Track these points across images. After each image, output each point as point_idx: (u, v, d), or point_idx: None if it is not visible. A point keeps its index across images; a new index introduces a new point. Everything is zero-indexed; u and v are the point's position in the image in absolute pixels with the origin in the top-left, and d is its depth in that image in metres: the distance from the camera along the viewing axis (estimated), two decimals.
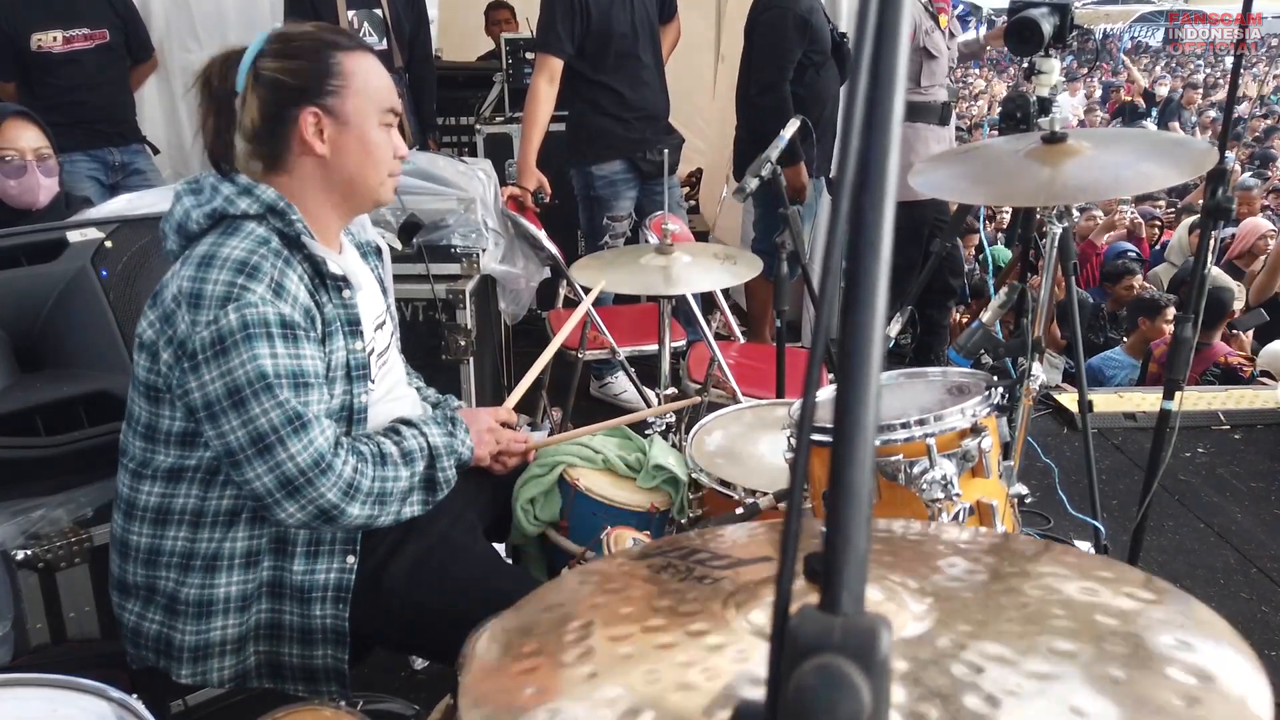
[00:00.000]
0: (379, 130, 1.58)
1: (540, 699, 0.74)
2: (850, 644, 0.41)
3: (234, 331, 1.43)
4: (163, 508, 1.56)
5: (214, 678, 1.60)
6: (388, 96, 1.59)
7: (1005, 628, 0.76)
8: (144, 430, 1.56)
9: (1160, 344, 4.71)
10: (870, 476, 0.43)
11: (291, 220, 1.52)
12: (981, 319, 2.30)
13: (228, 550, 1.56)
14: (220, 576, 1.56)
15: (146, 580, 1.59)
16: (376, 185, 1.61)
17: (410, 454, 1.59)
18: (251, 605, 1.59)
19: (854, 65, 0.44)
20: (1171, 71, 18.50)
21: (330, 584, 1.59)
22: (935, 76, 3.88)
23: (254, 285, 1.45)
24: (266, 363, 1.44)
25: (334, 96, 1.54)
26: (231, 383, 1.44)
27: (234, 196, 1.52)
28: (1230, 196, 2.16)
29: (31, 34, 3.55)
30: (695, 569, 0.91)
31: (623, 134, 3.58)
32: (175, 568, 1.57)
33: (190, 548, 1.56)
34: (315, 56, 1.54)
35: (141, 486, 1.57)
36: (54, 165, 2.61)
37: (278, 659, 1.62)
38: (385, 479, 1.54)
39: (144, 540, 1.57)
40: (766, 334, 4.10)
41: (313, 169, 1.56)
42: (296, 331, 1.48)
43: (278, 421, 1.44)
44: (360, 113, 1.56)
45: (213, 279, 1.45)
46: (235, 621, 1.58)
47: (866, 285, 0.43)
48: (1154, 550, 3.00)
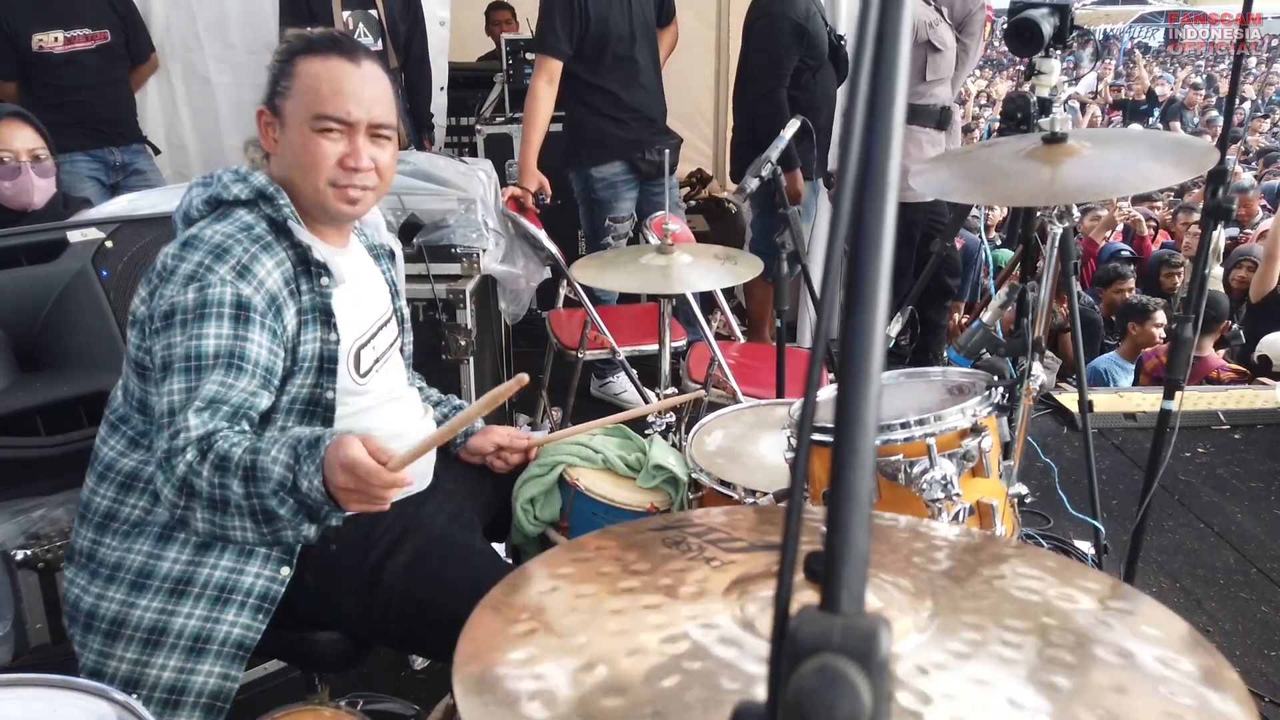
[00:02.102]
0: (312, 134, 1.55)
1: (529, 662, 0.77)
2: (850, 644, 0.41)
3: (187, 310, 1.47)
4: (134, 473, 1.58)
5: (111, 667, 1.52)
6: (328, 101, 1.54)
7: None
8: (138, 405, 1.58)
9: (1152, 354, 4.71)
10: (870, 476, 0.43)
11: (279, 205, 1.57)
12: (981, 319, 2.30)
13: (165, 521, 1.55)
14: (170, 549, 1.54)
15: (90, 547, 1.58)
16: (312, 191, 1.58)
17: (261, 470, 1.37)
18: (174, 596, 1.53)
19: (855, 66, 0.44)
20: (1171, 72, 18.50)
21: (255, 590, 1.55)
22: (940, 71, 3.84)
23: (218, 267, 1.49)
24: (202, 344, 1.46)
25: (280, 97, 1.59)
26: (168, 356, 1.47)
27: (230, 183, 1.58)
28: (1230, 196, 2.16)
29: (32, 34, 3.55)
30: (706, 549, 0.94)
31: (620, 135, 3.58)
32: (121, 534, 1.56)
33: (145, 517, 1.56)
34: (280, 57, 1.60)
35: (134, 454, 1.59)
36: (50, 166, 2.61)
37: (141, 671, 1.52)
38: (224, 487, 1.37)
39: (104, 503, 1.59)
40: (766, 334, 4.10)
41: (276, 168, 1.63)
42: (250, 315, 1.49)
43: (175, 403, 1.44)
44: (295, 114, 1.57)
45: (188, 258, 1.51)
46: (158, 605, 1.52)
47: (867, 285, 0.43)
48: (1154, 550, 3.00)
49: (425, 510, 1.70)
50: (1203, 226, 2.21)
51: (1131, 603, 0.88)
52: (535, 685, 0.74)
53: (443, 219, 2.89)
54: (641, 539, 1.00)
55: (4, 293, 2.01)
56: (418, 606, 1.59)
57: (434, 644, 1.62)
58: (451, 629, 0.86)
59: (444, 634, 0.89)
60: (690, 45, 4.71)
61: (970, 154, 2.35)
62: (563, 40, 3.43)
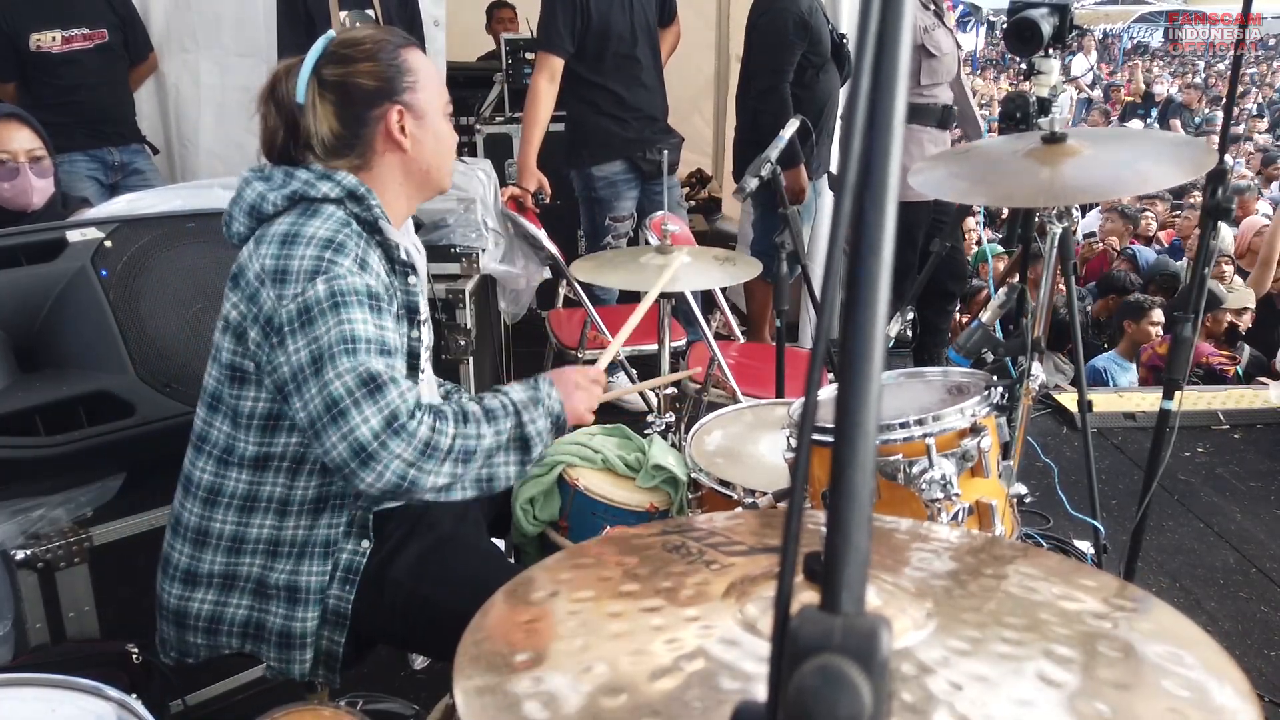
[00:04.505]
0: (444, 121, 1.66)
1: (530, 664, 0.77)
2: (851, 644, 0.41)
3: (321, 301, 1.45)
4: (250, 495, 1.57)
5: (295, 669, 1.59)
6: (445, 88, 1.67)
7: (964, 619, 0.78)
8: (229, 414, 1.57)
9: (1149, 350, 4.70)
10: (870, 477, 0.43)
11: (370, 205, 1.55)
12: (981, 319, 2.30)
13: (314, 538, 1.58)
14: (306, 564, 1.58)
15: (226, 568, 1.59)
16: (447, 173, 1.69)
17: (492, 411, 1.54)
18: (327, 592, 1.60)
19: (856, 65, 0.44)
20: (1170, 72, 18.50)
21: (340, 563, 1.60)
22: (936, 76, 3.82)
23: (341, 259, 1.47)
24: (352, 328, 1.45)
25: (410, 92, 1.59)
26: (316, 350, 1.44)
27: (314, 180, 1.54)
28: (1230, 196, 2.16)
29: (30, 34, 3.54)
30: (706, 553, 0.94)
31: (621, 134, 3.58)
32: (261, 554, 1.58)
33: (276, 535, 1.57)
34: (386, 56, 1.59)
35: (228, 474, 1.57)
36: (48, 166, 2.60)
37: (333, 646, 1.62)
38: (467, 436, 1.49)
39: (229, 527, 1.58)
40: (766, 334, 4.10)
41: (394, 163, 1.61)
42: (380, 304, 1.50)
43: (352, 384, 1.42)
44: (431, 105, 1.62)
45: (299, 255, 1.47)
46: (314, 614, 1.58)
47: (867, 285, 0.43)
48: (1154, 550, 3.01)
49: (432, 510, 1.70)
50: (1202, 226, 2.21)
51: (1135, 601, 0.88)
52: (535, 686, 0.74)
53: (442, 219, 2.89)
54: (642, 543, 1.00)
55: (3, 293, 2.01)
56: (423, 603, 1.59)
57: (437, 642, 1.63)
58: (456, 627, 0.86)
59: (448, 632, 0.89)
60: (690, 45, 4.70)
61: (970, 153, 2.35)
62: (565, 38, 3.43)
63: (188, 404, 2.06)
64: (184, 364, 2.08)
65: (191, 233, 2.22)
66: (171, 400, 2.05)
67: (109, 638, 1.97)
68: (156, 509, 2.04)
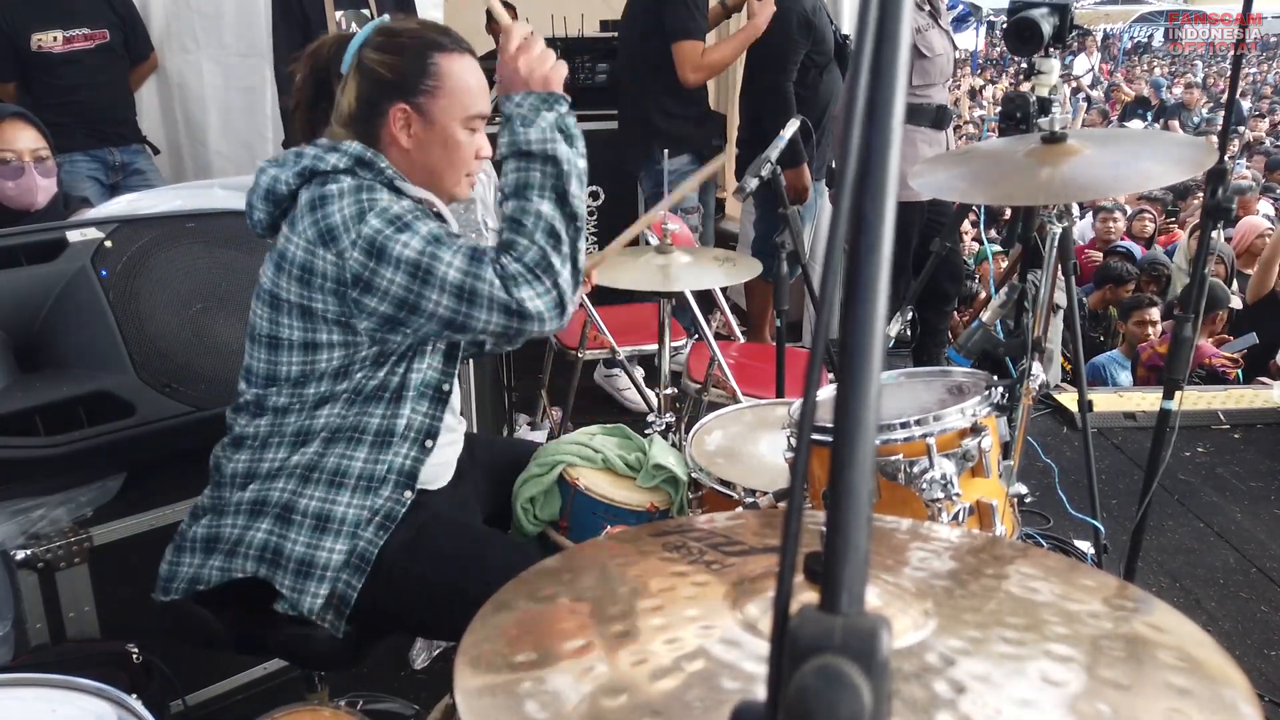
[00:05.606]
0: (463, 132, 1.62)
1: (532, 667, 0.77)
2: (851, 644, 0.41)
3: (380, 230, 1.48)
4: (302, 429, 1.58)
5: (306, 602, 1.56)
6: (477, 100, 1.62)
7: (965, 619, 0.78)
8: (264, 379, 1.59)
9: (1149, 349, 4.70)
10: (870, 476, 0.43)
11: (381, 168, 1.57)
12: (981, 319, 2.30)
13: (353, 469, 1.58)
14: (343, 495, 1.58)
15: (257, 495, 1.59)
16: (452, 184, 1.66)
17: (516, 187, 1.54)
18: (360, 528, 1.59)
19: (854, 63, 0.44)
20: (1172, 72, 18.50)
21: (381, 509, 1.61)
22: (929, 77, 3.80)
23: (376, 195, 1.51)
24: (427, 229, 1.49)
25: (425, 95, 1.59)
26: (409, 265, 1.47)
27: (322, 154, 1.56)
28: (1230, 196, 2.16)
29: (31, 34, 3.54)
30: (707, 553, 0.94)
31: (694, 130, 3.77)
32: (295, 479, 1.58)
33: (317, 461, 1.58)
34: (414, 54, 1.59)
35: (288, 419, 1.58)
36: (51, 166, 2.61)
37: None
38: (520, 209, 1.51)
39: (274, 464, 1.59)
40: (766, 334, 4.10)
41: (397, 157, 1.61)
42: (427, 216, 1.55)
43: (464, 264, 1.47)
44: (447, 114, 1.60)
45: (335, 209, 1.50)
46: (342, 547, 1.57)
47: (867, 285, 0.43)
48: (1154, 550, 3.01)
49: (424, 498, 1.71)
50: (1202, 226, 2.21)
51: (1135, 601, 0.88)
52: (536, 686, 0.74)
53: None
54: (642, 545, 1.00)
55: (3, 293, 2.01)
56: (420, 581, 1.59)
57: (436, 622, 1.63)
58: (455, 604, 0.85)
59: (447, 609, 0.89)
60: None
61: (969, 154, 2.35)
62: (701, 22, 3.61)
63: (188, 404, 2.06)
64: (184, 364, 2.08)
65: (191, 233, 2.22)
66: (171, 400, 2.05)
67: (109, 638, 1.97)
68: (156, 509, 2.05)
